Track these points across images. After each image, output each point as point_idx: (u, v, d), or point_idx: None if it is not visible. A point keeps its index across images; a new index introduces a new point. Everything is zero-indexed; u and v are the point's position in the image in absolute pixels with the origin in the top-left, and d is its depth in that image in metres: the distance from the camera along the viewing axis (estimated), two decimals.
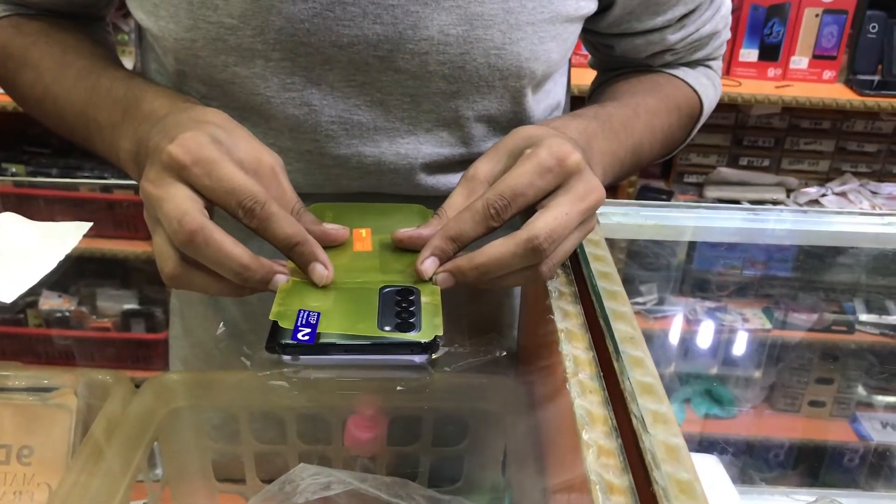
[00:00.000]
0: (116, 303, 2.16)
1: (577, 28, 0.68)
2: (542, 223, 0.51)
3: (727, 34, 0.81)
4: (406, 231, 0.55)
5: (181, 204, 0.48)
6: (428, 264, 0.53)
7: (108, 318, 2.16)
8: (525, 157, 0.53)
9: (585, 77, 0.85)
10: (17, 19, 0.72)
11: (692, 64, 0.80)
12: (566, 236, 0.52)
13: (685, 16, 0.73)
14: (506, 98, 0.66)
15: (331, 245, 0.55)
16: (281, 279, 0.52)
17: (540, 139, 0.54)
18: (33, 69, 0.69)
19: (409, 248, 0.55)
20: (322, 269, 0.52)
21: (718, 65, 0.83)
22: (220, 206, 0.50)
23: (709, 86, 0.79)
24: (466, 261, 0.52)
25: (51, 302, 2.11)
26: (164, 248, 0.50)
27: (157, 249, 0.51)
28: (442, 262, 0.53)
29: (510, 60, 0.63)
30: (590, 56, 0.84)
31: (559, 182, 0.53)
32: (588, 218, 0.54)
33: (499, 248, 0.51)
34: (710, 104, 0.80)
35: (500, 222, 0.52)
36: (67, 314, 2.11)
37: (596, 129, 0.63)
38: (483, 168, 0.56)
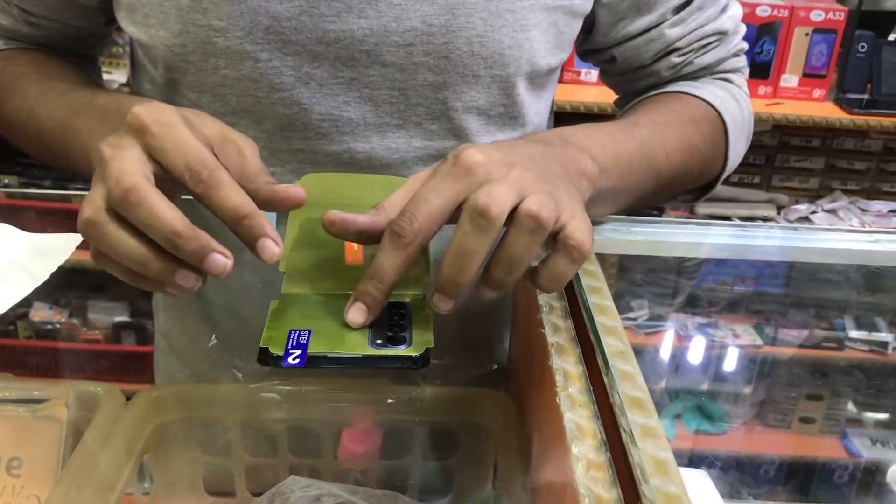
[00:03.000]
0: (107, 315, 2.15)
1: (559, 21, 0.68)
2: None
3: (741, 43, 0.78)
4: (338, 214, 0.50)
5: (125, 163, 0.46)
6: (352, 314, 0.50)
7: (98, 331, 2.15)
8: None
9: (578, 93, 0.85)
10: (11, 52, 0.74)
11: (702, 74, 0.77)
12: (506, 181, 0.47)
13: (681, 8, 0.72)
14: (493, 89, 0.67)
15: (287, 208, 0.52)
16: (218, 260, 0.47)
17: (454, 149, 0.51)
18: (21, 96, 0.70)
19: (341, 234, 0.51)
20: (272, 246, 0.48)
21: (739, 79, 0.80)
22: (169, 169, 0.47)
23: (727, 98, 0.76)
24: (442, 272, 0.48)
25: (42, 314, 2.10)
26: (95, 197, 0.47)
27: (86, 198, 0.47)
28: (368, 305, 0.50)
29: (493, 48, 0.64)
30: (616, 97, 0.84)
31: (461, 176, 0.48)
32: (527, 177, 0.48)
33: (454, 238, 0.48)
34: (732, 117, 0.75)
35: (411, 238, 0.48)
36: (58, 326, 2.11)
37: (575, 130, 0.60)
38: (424, 172, 0.52)
